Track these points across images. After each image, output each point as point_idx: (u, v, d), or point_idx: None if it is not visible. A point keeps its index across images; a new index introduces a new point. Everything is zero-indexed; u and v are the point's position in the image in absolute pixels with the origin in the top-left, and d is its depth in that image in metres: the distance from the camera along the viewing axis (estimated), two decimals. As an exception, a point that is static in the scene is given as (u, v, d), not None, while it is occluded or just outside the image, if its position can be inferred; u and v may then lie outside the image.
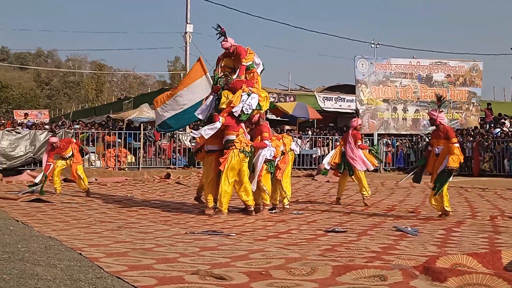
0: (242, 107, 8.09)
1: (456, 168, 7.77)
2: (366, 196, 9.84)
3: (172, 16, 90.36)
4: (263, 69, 9.09)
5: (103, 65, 56.78)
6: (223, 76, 8.60)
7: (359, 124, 10.35)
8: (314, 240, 5.60)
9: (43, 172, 10.92)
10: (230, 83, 8.43)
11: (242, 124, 8.20)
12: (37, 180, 11.11)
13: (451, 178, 7.93)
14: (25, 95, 49.93)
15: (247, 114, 8.18)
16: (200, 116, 8.75)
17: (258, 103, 8.35)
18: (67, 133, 17.15)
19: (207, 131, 8.01)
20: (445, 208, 7.84)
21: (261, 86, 9.09)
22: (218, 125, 7.98)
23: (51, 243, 5.07)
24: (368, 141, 18.83)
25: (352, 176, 9.99)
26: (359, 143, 9.93)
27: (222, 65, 8.96)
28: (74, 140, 12.05)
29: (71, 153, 11.07)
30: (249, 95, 8.20)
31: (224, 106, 8.27)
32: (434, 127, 8.21)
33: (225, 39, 8.67)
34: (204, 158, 8.68)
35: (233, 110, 8.07)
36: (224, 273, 3.74)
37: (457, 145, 7.83)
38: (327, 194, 12.31)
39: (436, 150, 7.97)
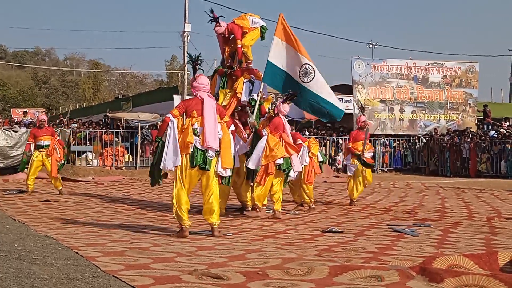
0: (251, 95, 8.12)
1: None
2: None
3: (170, 16, 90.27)
4: (266, 29, 8.91)
5: (99, 64, 56.69)
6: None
7: (363, 121, 10.31)
8: (311, 240, 5.60)
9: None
10: (233, 72, 8.44)
11: (238, 122, 8.14)
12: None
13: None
14: (23, 94, 49.83)
15: (256, 100, 8.14)
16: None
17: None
18: (64, 132, 17.14)
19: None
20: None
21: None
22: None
23: (48, 242, 5.07)
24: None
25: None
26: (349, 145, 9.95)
27: (227, 55, 8.71)
28: (58, 138, 11.84)
29: (48, 142, 10.65)
30: (252, 83, 8.24)
31: (225, 103, 8.21)
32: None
33: (218, 24, 8.55)
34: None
35: (241, 101, 8.13)
36: (221, 273, 3.74)
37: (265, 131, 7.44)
38: (324, 194, 12.34)
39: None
